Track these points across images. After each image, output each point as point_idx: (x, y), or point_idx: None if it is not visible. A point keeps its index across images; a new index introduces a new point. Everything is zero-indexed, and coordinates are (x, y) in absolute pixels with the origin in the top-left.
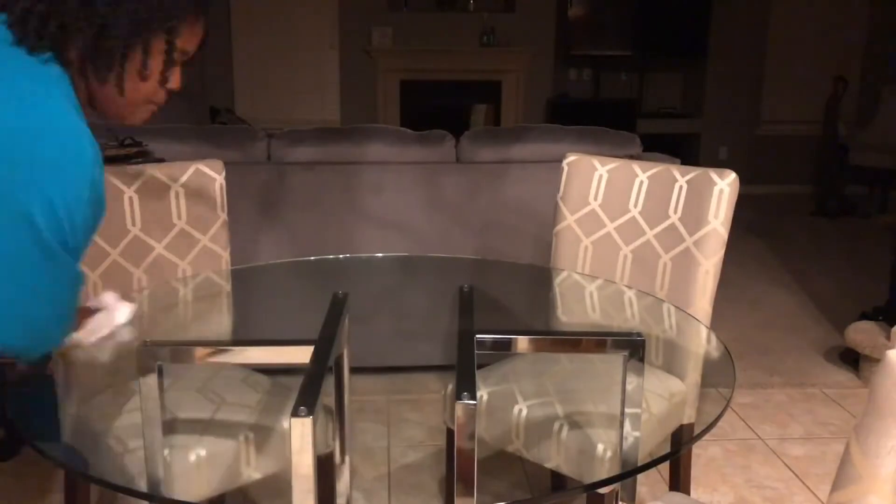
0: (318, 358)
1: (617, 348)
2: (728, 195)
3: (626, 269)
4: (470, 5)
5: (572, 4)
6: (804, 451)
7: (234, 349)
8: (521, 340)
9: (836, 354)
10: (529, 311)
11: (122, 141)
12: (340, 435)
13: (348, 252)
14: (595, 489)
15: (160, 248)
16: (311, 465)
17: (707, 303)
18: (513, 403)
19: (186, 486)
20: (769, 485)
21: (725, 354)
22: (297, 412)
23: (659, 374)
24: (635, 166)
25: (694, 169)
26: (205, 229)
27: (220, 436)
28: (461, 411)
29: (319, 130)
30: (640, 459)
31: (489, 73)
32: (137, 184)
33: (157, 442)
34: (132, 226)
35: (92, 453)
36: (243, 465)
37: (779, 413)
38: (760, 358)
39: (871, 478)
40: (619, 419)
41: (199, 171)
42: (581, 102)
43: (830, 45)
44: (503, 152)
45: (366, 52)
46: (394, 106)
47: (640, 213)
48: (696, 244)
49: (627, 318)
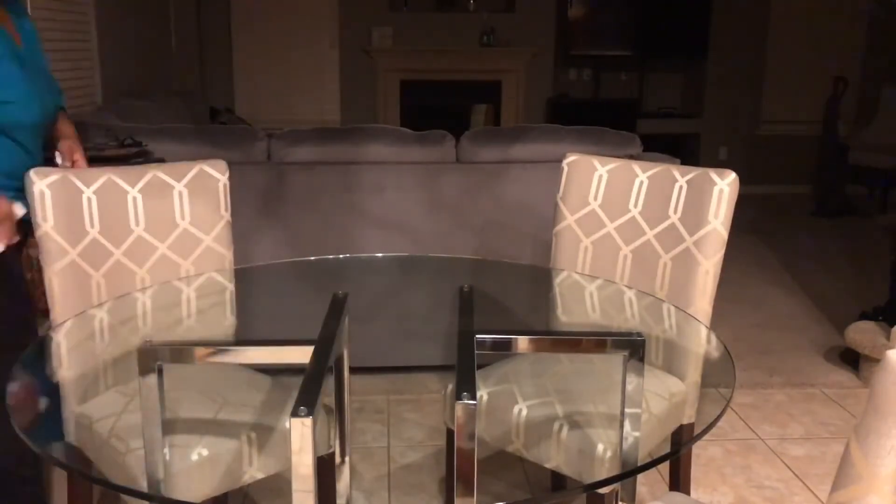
0: (318, 358)
1: (617, 348)
2: (728, 195)
3: (626, 269)
4: (470, 5)
5: (572, 4)
6: (804, 451)
7: (234, 349)
8: (521, 340)
9: (836, 354)
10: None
11: (122, 141)
12: (340, 435)
13: (348, 252)
14: (595, 489)
15: (163, 248)
16: (311, 465)
17: (707, 303)
18: (513, 403)
19: (188, 486)
20: (769, 485)
21: (725, 354)
22: (297, 412)
23: (659, 374)
24: (635, 166)
25: (694, 169)
26: (208, 229)
27: (222, 435)
28: (461, 411)
29: (319, 130)
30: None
31: (489, 73)
32: (141, 184)
33: (157, 442)
34: (136, 226)
35: (93, 453)
36: (245, 464)
37: (779, 413)
38: (760, 358)
39: (871, 478)
40: (619, 419)
41: (202, 171)
42: (581, 102)
43: (830, 45)
44: (503, 152)
45: (366, 52)
46: (394, 106)
47: (640, 213)
48: (696, 244)
49: (627, 318)
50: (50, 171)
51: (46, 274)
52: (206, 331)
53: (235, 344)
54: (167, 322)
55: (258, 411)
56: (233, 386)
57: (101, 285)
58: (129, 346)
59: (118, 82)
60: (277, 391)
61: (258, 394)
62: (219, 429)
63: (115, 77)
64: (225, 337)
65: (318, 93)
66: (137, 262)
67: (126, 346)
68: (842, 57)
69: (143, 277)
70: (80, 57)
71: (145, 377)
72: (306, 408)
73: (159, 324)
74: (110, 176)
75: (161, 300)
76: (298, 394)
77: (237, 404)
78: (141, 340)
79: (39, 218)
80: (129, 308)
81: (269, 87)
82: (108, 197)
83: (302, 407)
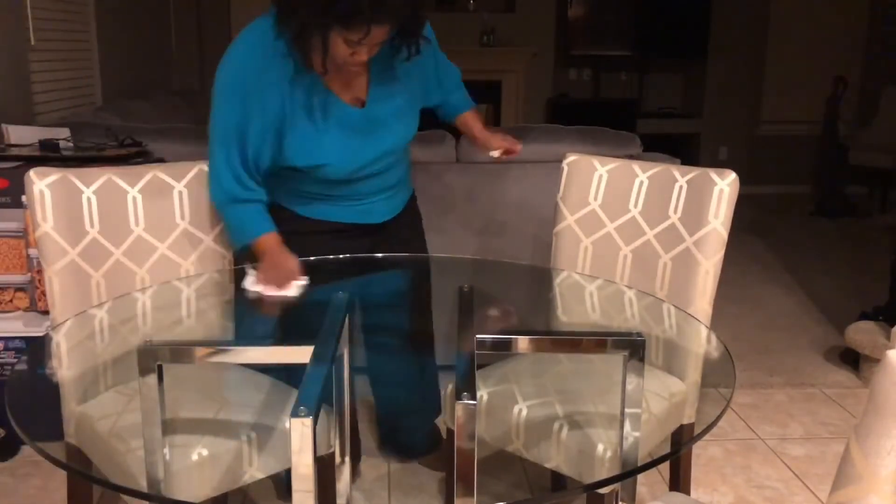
0: (318, 358)
1: (617, 348)
2: (728, 195)
3: (626, 270)
4: (470, 5)
5: (572, 4)
6: (804, 451)
7: (233, 349)
8: (521, 340)
9: (836, 354)
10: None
11: (121, 141)
12: (340, 435)
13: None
14: (595, 489)
15: (163, 248)
16: (310, 465)
17: (707, 303)
18: (513, 403)
19: (188, 486)
20: (769, 485)
21: (725, 354)
22: (297, 412)
23: (659, 375)
24: (635, 166)
25: (694, 169)
26: (208, 229)
27: (222, 435)
28: (461, 411)
29: None
30: (640, 459)
31: (489, 73)
32: (141, 184)
33: (157, 442)
34: (136, 226)
35: (93, 453)
36: (245, 464)
37: (779, 413)
38: (760, 358)
39: (871, 478)
40: (619, 419)
41: (202, 171)
42: (581, 102)
43: (830, 45)
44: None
45: None
46: None
47: (640, 213)
48: (697, 244)
49: (627, 318)
50: (50, 171)
51: (46, 274)
52: (206, 331)
53: (235, 344)
54: (167, 322)
55: (258, 411)
56: (233, 386)
57: (101, 285)
58: (129, 346)
59: (118, 82)
60: (277, 391)
61: (258, 394)
62: (219, 429)
63: (115, 77)
64: (225, 337)
65: None
66: (137, 262)
67: (126, 346)
68: (842, 57)
69: (143, 277)
70: (80, 57)
71: (145, 377)
72: (306, 408)
73: (159, 324)
74: (110, 176)
75: (161, 300)
76: (298, 394)
77: (237, 404)
78: (141, 340)
79: (39, 218)
80: (129, 308)
81: None
82: (108, 197)
83: (302, 407)
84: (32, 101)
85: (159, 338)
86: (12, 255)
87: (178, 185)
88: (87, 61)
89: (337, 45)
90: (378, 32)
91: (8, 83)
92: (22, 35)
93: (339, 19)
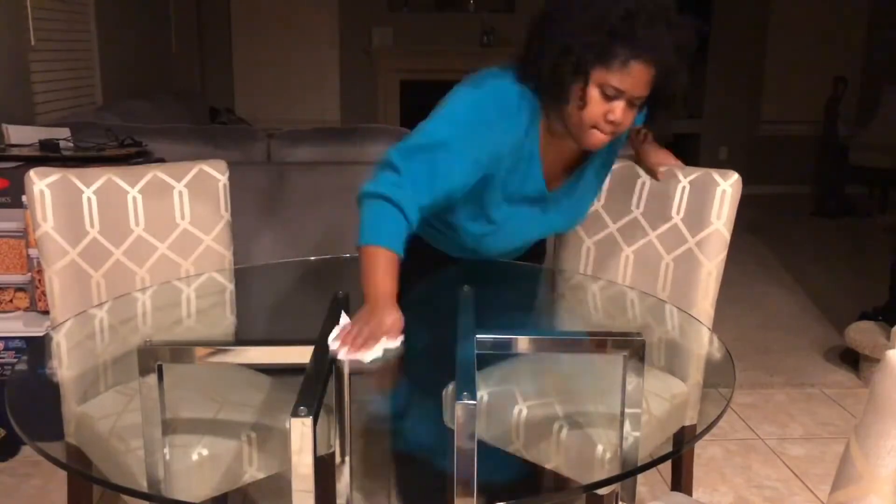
0: (318, 358)
1: (617, 349)
2: (731, 196)
3: (629, 270)
4: (470, 5)
5: None
6: (804, 451)
7: (234, 349)
8: (521, 340)
9: (836, 354)
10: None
11: (122, 141)
12: (340, 435)
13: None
14: (594, 490)
15: (163, 248)
16: (310, 465)
17: (709, 304)
18: (513, 403)
19: (188, 486)
20: (769, 485)
21: (726, 355)
22: (297, 412)
23: (660, 376)
24: (637, 167)
25: (696, 169)
26: (208, 229)
27: (222, 435)
28: (461, 411)
29: (319, 130)
30: (641, 460)
31: None
32: (141, 184)
33: (157, 442)
34: (136, 226)
35: (93, 453)
36: (245, 464)
37: (779, 413)
38: (760, 358)
39: (871, 478)
40: (619, 419)
41: (202, 171)
42: None
43: (830, 45)
44: None
45: (366, 53)
46: (394, 106)
47: (642, 213)
48: (699, 245)
49: (629, 319)
50: (50, 171)
51: (46, 274)
52: (206, 331)
53: (235, 344)
54: (167, 322)
55: (258, 411)
56: (233, 386)
57: (101, 285)
58: (129, 346)
59: (118, 82)
60: (277, 391)
61: (258, 394)
62: (219, 429)
63: (115, 77)
64: (225, 337)
65: (318, 93)
66: (137, 262)
67: (126, 346)
68: (842, 57)
69: (143, 277)
70: (80, 57)
71: (145, 377)
72: (306, 408)
73: (159, 324)
74: (110, 176)
75: (161, 300)
76: (298, 394)
77: (237, 404)
78: (141, 340)
79: (39, 218)
80: (129, 308)
81: (269, 87)
82: (108, 197)
83: (302, 407)
84: (32, 101)
85: (159, 338)
86: (12, 255)
87: (178, 185)
88: (87, 61)
89: (593, 98)
90: (637, 70)
91: (8, 83)
92: (22, 35)
93: (602, 48)
